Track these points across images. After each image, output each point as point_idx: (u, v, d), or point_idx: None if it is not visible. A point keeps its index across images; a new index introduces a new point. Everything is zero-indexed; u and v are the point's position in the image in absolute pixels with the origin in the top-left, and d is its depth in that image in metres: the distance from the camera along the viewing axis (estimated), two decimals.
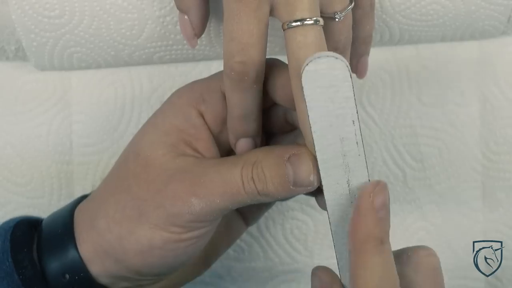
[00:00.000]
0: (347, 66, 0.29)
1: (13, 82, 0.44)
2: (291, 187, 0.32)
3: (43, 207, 0.44)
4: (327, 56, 0.28)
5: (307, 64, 0.28)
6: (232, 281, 0.46)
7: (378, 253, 0.29)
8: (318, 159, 0.30)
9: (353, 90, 0.29)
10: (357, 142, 0.30)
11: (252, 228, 0.46)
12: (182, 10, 0.36)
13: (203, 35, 0.41)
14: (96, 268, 0.34)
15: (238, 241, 0.46)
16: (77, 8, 0.39)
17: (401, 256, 0.32)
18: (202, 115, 0.35)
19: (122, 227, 0.33)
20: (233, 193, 0.32)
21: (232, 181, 0.32)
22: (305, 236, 0.46)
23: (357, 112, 0.30)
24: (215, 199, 0.32)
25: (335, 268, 0.32)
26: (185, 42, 0.39)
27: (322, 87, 0.29)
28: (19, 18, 0.39)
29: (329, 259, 0.47)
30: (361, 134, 0.30)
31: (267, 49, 0.42)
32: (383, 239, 0.29)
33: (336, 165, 0.30)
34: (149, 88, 0.44)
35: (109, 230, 0.33)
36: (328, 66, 0.28)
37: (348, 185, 0.31)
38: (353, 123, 0.30)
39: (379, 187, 0.30)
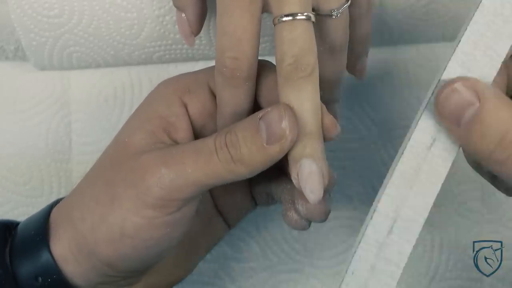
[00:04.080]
0: None
1: (12, 81, 0.44)
2: (265, 145, 0.30)
3: (42, 206, 0.44)
4: None
5: None
6: (231, 281, 0.46)
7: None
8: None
9: None
10: None
11: (251, 228, 0.46)
12: (179, 8, 0.36)
13: (202, 35, 0.41)
14: (70, 267, 0.33)
15: (236, 241, 0.46)
16: (76, 7, 0.39)
17: None
18: (185, 106, 0.34)
19: (95, 215, 0.32)
20: (206, 160, 0.30)
21: (205, 149, 0.31)
22: (304, 237, 0.46)
23: None
24: (186, 169, 0.30)
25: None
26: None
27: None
28: (18, 18, 0.39)
29: (329, 259, 0.47)
30: None
31: (267, 49, 0.42)
32: None
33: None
34: (148, 87, 0.44)
35: (82, 219, 0.32)
36: None
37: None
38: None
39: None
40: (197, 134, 0.35)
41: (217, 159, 0.30)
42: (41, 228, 0.33)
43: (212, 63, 0.44)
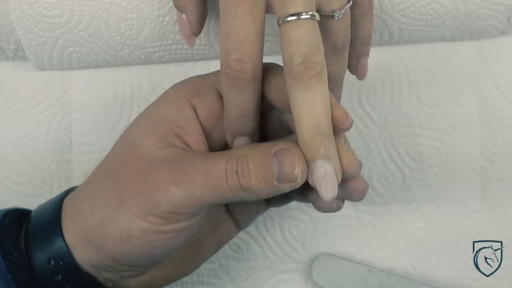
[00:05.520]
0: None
1: (12, 81, 0.44)
2: (275, 182, 0.31)
3: None
4: None
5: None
6: (230, 280, 0.46)
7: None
8: None
9: None
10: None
11: (251, 228, 0.46)
12: (179, 8, 0.36)
13: (202, 35, 0.41)
14: (79, 255, 0.34)
15: (236, 240, 0.46)
16: (76, 7, 0.39)
17: None
18: (194, 109, 0.35)
19: (104, 213, 0.33)
20: (215, 185, 0.31)
21: (215, 173, 0.31)
22: (304, 236, 0.46)
23: None
24: (196, 190, 0.31)
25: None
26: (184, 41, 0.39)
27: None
28: (18, 18, 0.39)
29: None
30: None
31: (267, 49, 0.42)
32: None
33: None
34: (148, 87, 0.44)
35: (91, 215, 0.33)
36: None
37: None
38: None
39: None
40: (207, 136, 0.35)
41: (226, 185, 0.31)
42: (55, 214, 0.34)
43: (212, 63, 0.44)
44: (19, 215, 0.36)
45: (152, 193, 0.32)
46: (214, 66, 0.44)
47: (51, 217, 0.35)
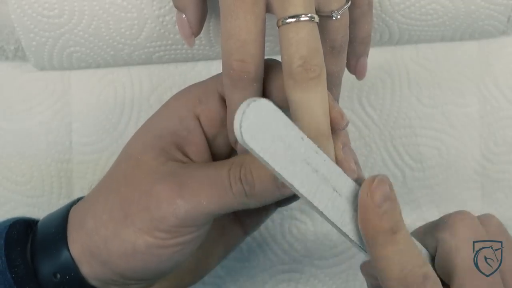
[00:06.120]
0: (268, 101, 0.27)
1: (12, 81, 0.44)
2: (279, 186, 0.31)
3: (43, 206, 0.44)
4: (248, 105, 0.26)
5: (240, 127, 0.25)
6: (231, 281, 0.46)
7: (391, 244, 0.30)
8: (302, 192, 0.28)
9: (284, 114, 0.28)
10: (316, 152, 0.29)
11: None
12: (179, 8, 0.36)
13: (202, 35, 0.41)
14: (85, 269, 0.34)
15: None
16: (76, 7, 0.39)
17: (439, 224, 0.33)
18: (198, 118, 0.35)
19: (108, 229, 0.33)
20: (220, 194, 0.31)
21: (219, 182, 0.31)
22: (304, 236, 0.46)
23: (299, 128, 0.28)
24: (201, 201, 0.31)
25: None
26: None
27: (266, 133, 0.26)
28: (18, 18, 0.39)
29: (329, 259, 0.47)
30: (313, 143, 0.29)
31: (267, 49, 0.42)
32: (394, 229, 0.30)
33: (316, 184, 0.29)
34: (148, 87, 0.44)
35: (96, 231, 0.33)
36: (255, 113, 0.26)
37: (336, 191, 0.30)
38: (302, 139, 0.28)
39: (377, 182, 0.30)
40: (210, 144, 0.35)
41: (231, 194, 0.31)
42: (61, 227, 0.34)
43: (212, 63, 0.44)
44: (26, 226, 0.36)
45: (157, 208, 0.32)
46: (215, 66, 0.44)
47: (57, 229, 0.34)
